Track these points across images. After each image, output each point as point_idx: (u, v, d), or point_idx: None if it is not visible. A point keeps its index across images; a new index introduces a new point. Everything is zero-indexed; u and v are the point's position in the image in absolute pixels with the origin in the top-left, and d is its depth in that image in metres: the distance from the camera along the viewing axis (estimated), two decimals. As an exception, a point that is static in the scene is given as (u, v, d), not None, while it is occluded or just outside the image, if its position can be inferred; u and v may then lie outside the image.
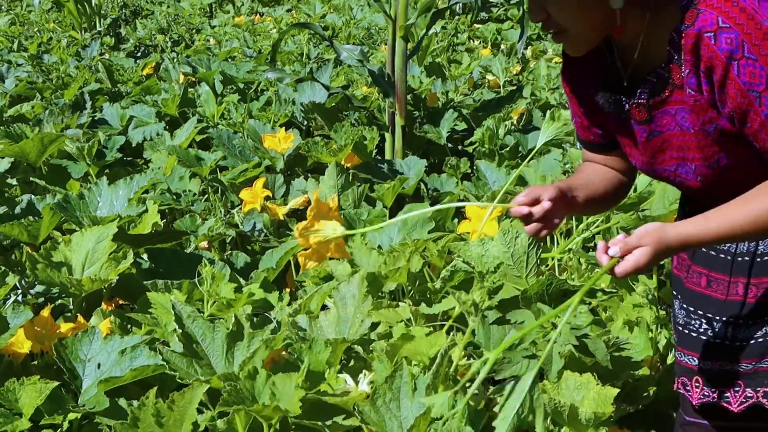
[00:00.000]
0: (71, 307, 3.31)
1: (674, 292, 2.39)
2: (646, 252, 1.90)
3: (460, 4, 10.25)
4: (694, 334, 2.28)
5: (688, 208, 2.27)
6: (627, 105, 2.16)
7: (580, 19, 2.02)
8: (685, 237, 1.94)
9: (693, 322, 2.29)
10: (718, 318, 2.23)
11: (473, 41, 9.07)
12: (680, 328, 2.32)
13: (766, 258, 2.16)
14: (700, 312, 2.26)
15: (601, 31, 2.05)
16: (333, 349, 2.47)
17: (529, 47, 8.41)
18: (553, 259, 3.57)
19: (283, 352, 2.67)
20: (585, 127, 2.33)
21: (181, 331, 2.55)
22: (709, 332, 2.25)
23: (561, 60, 5.34)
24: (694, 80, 1.98)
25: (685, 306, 2.32)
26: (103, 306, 3.26)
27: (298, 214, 4.13)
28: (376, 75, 4.74)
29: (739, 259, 2.19)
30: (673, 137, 2.10)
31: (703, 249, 2.21)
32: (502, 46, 8.71)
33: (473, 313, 2.40)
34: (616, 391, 2.41)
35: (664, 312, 3.23)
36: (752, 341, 2.18)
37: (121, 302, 3.42)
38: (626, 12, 2.01)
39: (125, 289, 3.41)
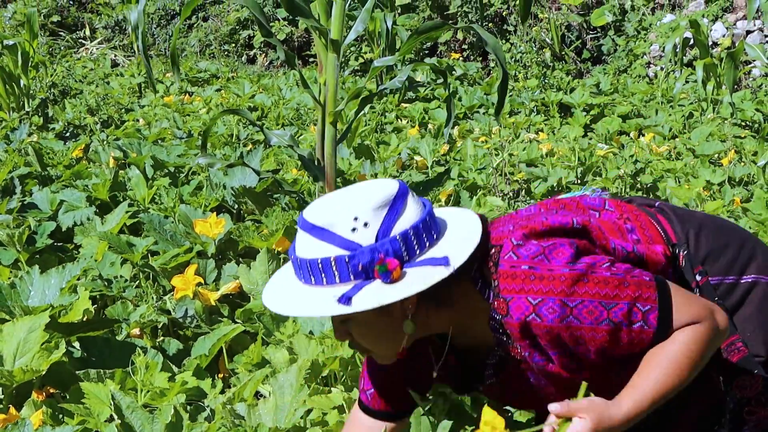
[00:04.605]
0: (1, 397, 3.29)
1: None
2: (585, 426, 1.96)
3: (388, 85, 10.42)
4: None
5: None
6: (480, 387, 2.32)
7: (379, 342, 2.15)
8: (627, 413, 2.02)
9: None
10: None
11: (401, 120, 9.23)
12: None
13: None
14: None
15: (402, 346, 2.16)
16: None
17: (456, 127, 8.58)
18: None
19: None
20: (383, 399, 2.45)
21: (120, 421, 2.57)
22: None
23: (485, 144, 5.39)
24: (539, 356, 2.11)
25: None
26: (34, 396, 3.25)
27: (229, 300, 4.16)
28: (306, 160, 4.82)
29: None
30: (538, 387, 2.23)
31: None
32: (430, 126, 8.87)
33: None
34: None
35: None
36: None
37: (52, 391, 3.40)
38: (426, 319, 2.13)
39: (56, 377, 3.39)
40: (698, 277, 2.24)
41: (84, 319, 3.64)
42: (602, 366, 2.11)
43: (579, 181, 6.33)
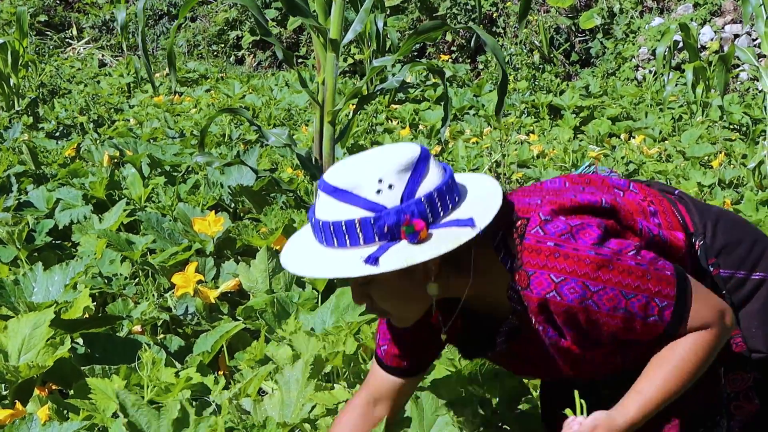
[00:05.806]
0: (4, 393, 3.29)
1: None
2: None
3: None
4: None
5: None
6: (488, 353, 2.34)
7: (399, 304, 2.14)
8: (633, 418, 2.07)
9: None
10: None
11: (391, 121, 9.25)
12: None
13: None
14: None
15: (423, 310, 2.18)
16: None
17: (447, 128, 8.60)
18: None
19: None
20: (396, 356, 2.46)
21: (126, 420, 2.58)
22: None
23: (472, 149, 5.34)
24: (553, 331, 2.13)
25: None
26: (37, 392, 3.25)
27: (229, 297, 4.17)
28: (304, 159, 4.84)
29: None
30: (547, 356, 2.24)
31: None
32: (421, 127, 8.90)
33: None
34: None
35: None
36: None
37: (54, 387, 3.40)
38: (447, 283, 2.13)
39: (59, 374, 3.40)
40: (711, 269, 2.27)
41: (85, 316, 3.64)
42: (612, 346, 2.14)
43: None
